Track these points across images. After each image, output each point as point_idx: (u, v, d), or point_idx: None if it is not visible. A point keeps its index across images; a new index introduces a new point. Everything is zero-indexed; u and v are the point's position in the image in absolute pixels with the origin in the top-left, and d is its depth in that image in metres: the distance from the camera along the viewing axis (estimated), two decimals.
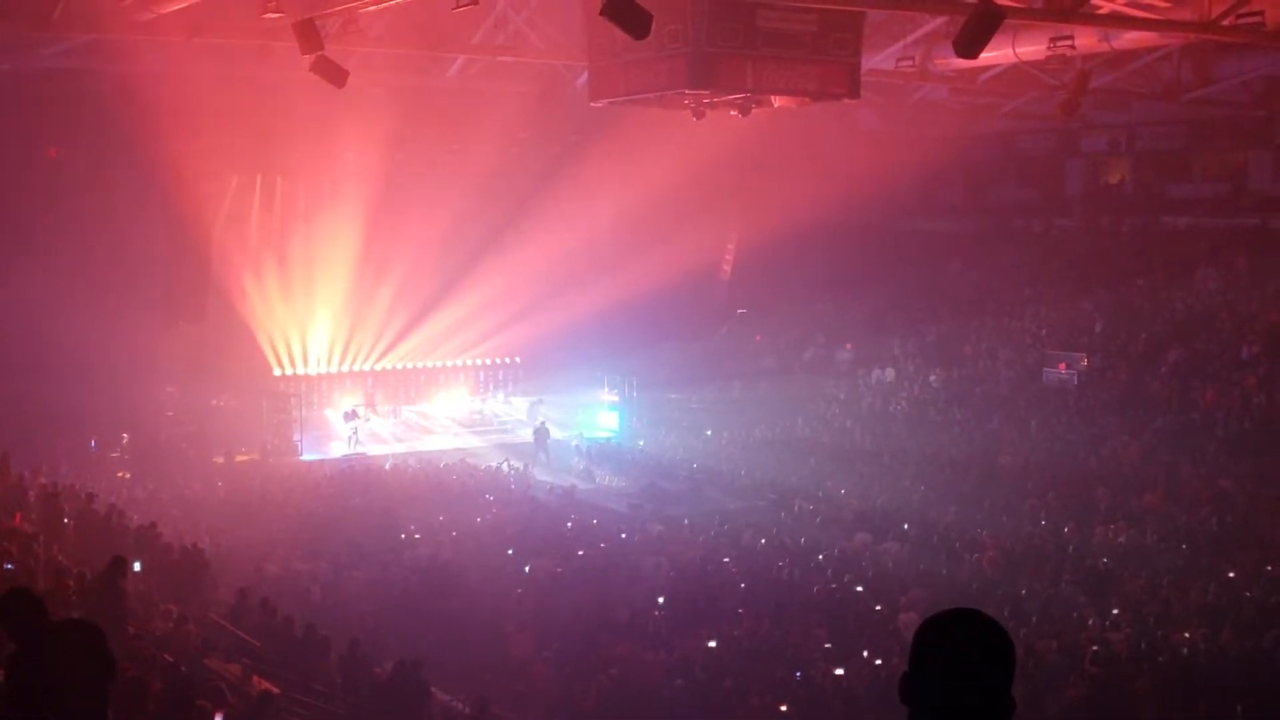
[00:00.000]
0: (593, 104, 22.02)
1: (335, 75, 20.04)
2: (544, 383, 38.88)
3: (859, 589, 21.22)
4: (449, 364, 38.84)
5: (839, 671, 16.92)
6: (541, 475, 31.81)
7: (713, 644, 18.03)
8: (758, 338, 39.50)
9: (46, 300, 27.15)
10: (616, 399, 38.10)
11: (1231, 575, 21.11)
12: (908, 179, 34.34)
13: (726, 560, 23.36)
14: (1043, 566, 22.00)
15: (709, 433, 35.37)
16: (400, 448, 34.62)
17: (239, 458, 31.99)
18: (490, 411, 38.86)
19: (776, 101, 21.77)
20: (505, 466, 31.79)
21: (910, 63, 25.21)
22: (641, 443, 35.85)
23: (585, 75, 22.71)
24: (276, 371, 35.58)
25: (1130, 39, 22.11)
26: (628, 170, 36.69)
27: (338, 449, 34.41)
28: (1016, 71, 25.79)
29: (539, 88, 27.16)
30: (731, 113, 22.06)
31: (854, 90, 20.74)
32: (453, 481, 30.30)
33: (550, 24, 24.22)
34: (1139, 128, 34.57)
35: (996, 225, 37.43)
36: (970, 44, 16.07)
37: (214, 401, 33.38)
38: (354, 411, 35.00)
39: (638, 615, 19.51)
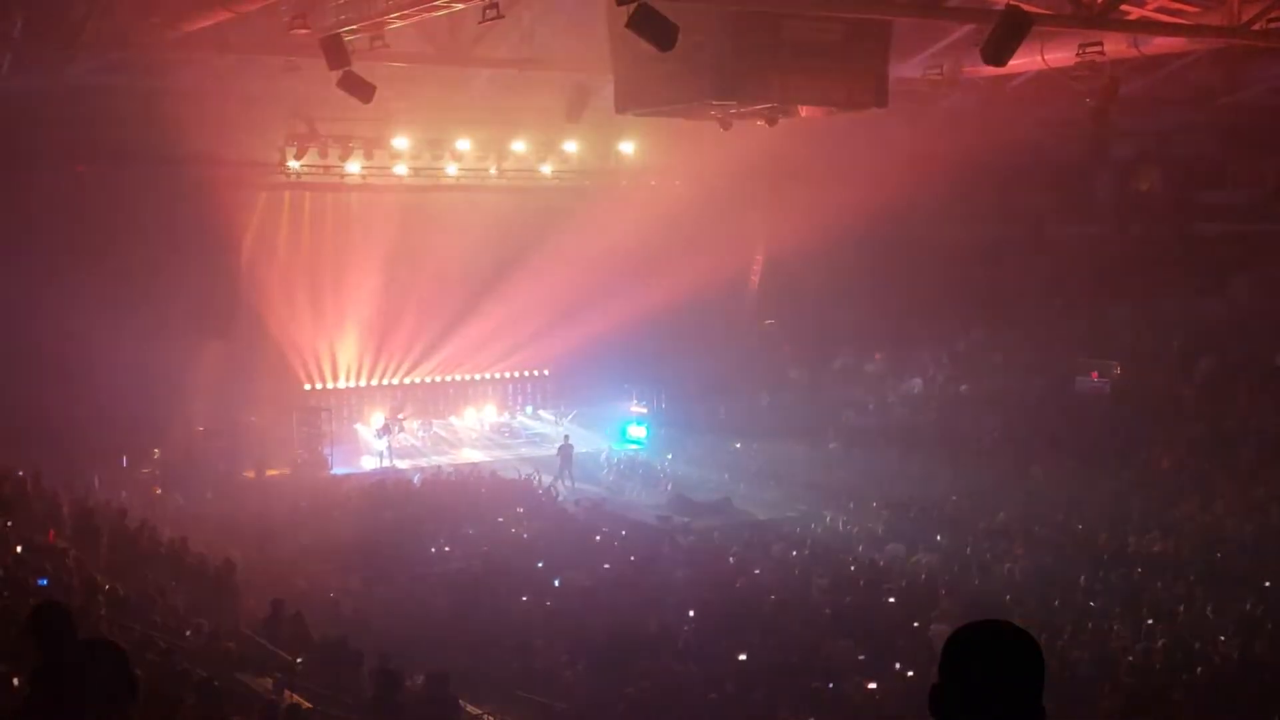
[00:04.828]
0: (619, 114, 22.03)
1: (362, 90, 20.13)
2: (572, 396, 38.91)
3: (890, 600, 21.12)
4: (477, 377, 38.89)
5: (871, 686, 16.83)
6: (567, 492, 31.77)
7: (743, 657, 17.96)
8: (785, 348, 39.39)
9: (76, 317, 27.30)
10: (645, 411, 38.07)
11: (1268, 584, 20.91)
12: (936, 187, 34.12)
13: (757, 572, 23.28)
14: (1076, 576, 21.84)
15: (737, 444, 35.27)
16: (429, 461, 34.67)
17: (269, 472, 32.09)
18: (519, 424, 38.90)
19: (803, 111, 21.69)
20: (535, 477, 31.85)
21: (938, 71, 25.13)
22: (670, 455, 35.79)
23: (611, 86, 22.67)
24: (306, 386, 35.70)
25: (1160, 44, 21.93)
26: (655, 181, 36.79)
27: (368, 463, 34.49)
28: (1045, 78, 25.63)
29: (565, 99, 27.21)
30: (758, 123, 22.01)
31: (881, 99, 20.64)
32: (482, 495, 30.31)
33: (575, 36, 24.26)
34: (1169, 134, 34.28)
35: (1026, 233, 37.21)
36: (998, 51, 15.98)
37: (244, 416, 33.48)
38: (386, 426, 35.05)
39: (667, 628, 19.45)
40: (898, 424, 33.43)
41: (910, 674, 17.04)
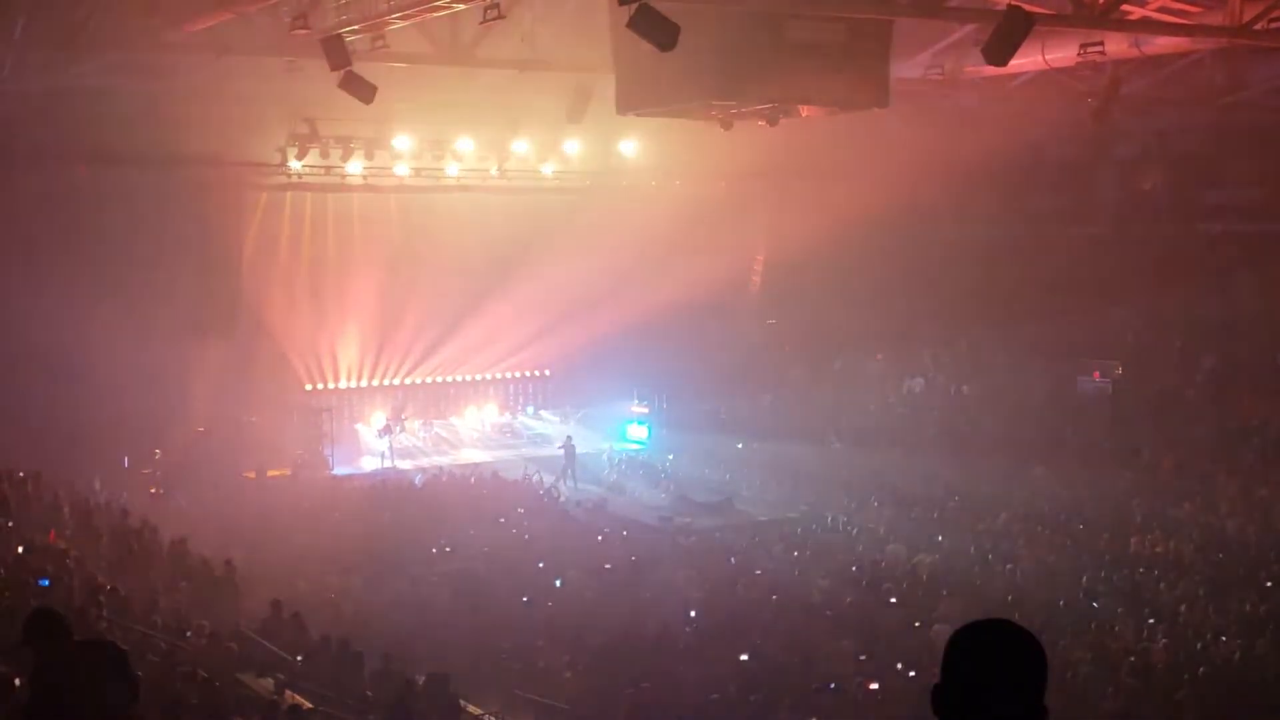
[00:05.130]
0: (620, 115, 22.00)
1: (364, 91, 20.10)
2: (574, 396, 38.90)
3: (892, 601, 21.10)
4: (479, 378, 38.86)
5: (873, 686, 16.82)
6: (569, 492, 31.76)
7: (744, 657, 17.94)
8: (787, 348, 39.37)
9: (78, 317, 27.30)
10: (646, 411, 38.04)
11: (1270, 585, 20.87)
12: (937, 187, 34.16)
13: (758, 573, 23.27)
14: (1078, 576, 21.81)
15: (739, 445, 35.25)
16: (431, 461, 34.66)
17: (270, 473, 32.04)
18: (520, 425, 38.88)
19: (805, 111, 21.67)
20: (536, 476, 31.82)
21: (939, 71, 25.09)
22: (671, 455, 35.77)
23: (612, 87, 22.66)
24: (307, 386, 35.67)
25: (1161, 44, 21.91)
26: (656, 181, 36.73)
27: (369, 463, 34.48)
28: (1046, 78, 25.61)
29: (566, 100, 27.19)
30: (759, 123, 21.99)
31: (883, 99, 20.61)
32: (483, 495, 30.29)
33: (576, 37, 24.24)
34: (1171, 134, 34.26)
35: (1028, 233, 37.18)
36: (1000, 51, 15.97)
37: (245, 417, 33.46)
38: (388, 426, 35.04)
39: (669, 628, 19.44)
40: (899, 424, 33.40)
41: (912, 674, 17.02)
